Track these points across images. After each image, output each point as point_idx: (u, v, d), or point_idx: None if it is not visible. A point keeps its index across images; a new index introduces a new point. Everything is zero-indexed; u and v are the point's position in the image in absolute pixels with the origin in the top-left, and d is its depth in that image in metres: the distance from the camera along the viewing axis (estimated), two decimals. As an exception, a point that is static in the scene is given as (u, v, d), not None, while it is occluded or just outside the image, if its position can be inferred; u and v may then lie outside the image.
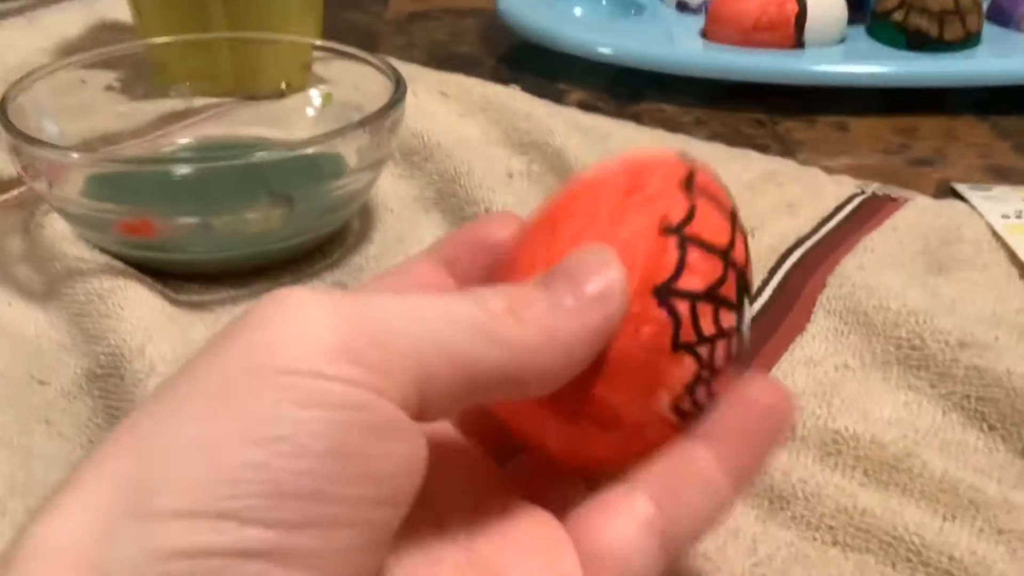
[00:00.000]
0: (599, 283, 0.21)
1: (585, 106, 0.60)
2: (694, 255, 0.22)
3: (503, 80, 0.59)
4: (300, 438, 0.17)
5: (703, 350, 0.22)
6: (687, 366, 0.22)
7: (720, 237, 0.23)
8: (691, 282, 0.22)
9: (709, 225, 0.23)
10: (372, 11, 0.78)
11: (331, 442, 0.17)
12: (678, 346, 0.22)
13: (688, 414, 0.23)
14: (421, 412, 0.19)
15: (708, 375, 0.22)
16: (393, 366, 0.18)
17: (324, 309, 0.18)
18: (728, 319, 0.22)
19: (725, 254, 0.23)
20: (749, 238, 0.24)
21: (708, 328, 0.22)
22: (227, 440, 0.17)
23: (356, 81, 0.47)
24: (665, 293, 0.22)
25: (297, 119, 0.50)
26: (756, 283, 0.40)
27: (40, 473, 0.32)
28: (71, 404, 0.35)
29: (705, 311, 0.22)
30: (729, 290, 0.23)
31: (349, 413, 0.17)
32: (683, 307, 0.22)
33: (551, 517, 0.23)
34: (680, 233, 0.22)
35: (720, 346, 0.22)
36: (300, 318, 0.18)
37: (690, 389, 0.22)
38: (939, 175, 0.53)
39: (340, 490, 0.17)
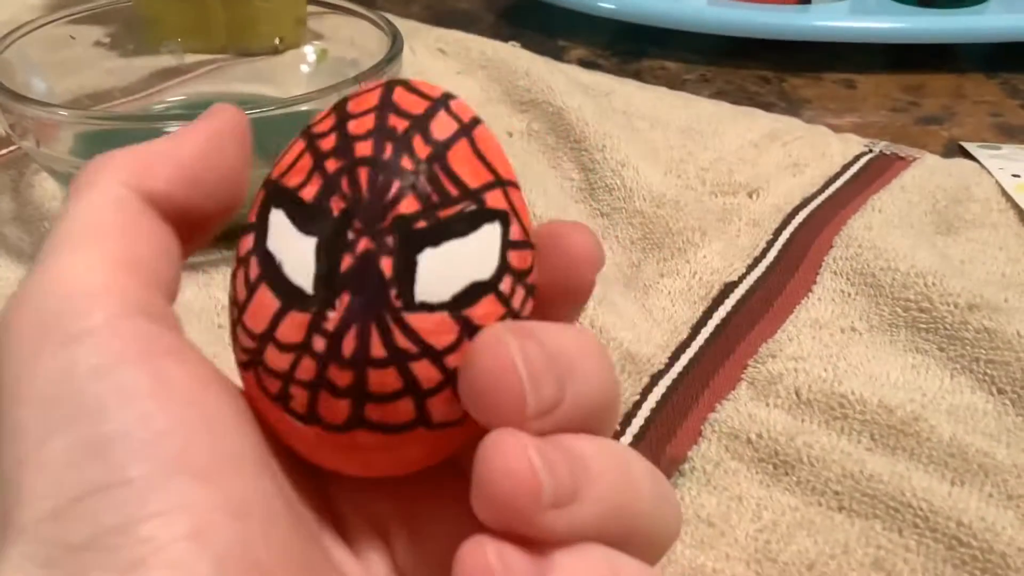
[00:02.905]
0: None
1: (586, 63, 0.59)
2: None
3: (502, 37, 0.58)
4: None
5: None
6: None
7: None
8: None
9: None
10: (369, -34, 0.77)
11: None
12: None
13: None
14: None
15: None
16: None
17: None
18: None
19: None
20: (754, 198, 0.24)
21: None
22: None
23: (352, 37, 0.46)
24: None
25: (291, 76, 0.49)
26: (761, 244, 0.40)
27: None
28: (62, 367, 0.34)
29: None
30: None
31: None
32: None
33: None
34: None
35: None
36: None
37: None
38: (948, 133, 0.52)
39: None
